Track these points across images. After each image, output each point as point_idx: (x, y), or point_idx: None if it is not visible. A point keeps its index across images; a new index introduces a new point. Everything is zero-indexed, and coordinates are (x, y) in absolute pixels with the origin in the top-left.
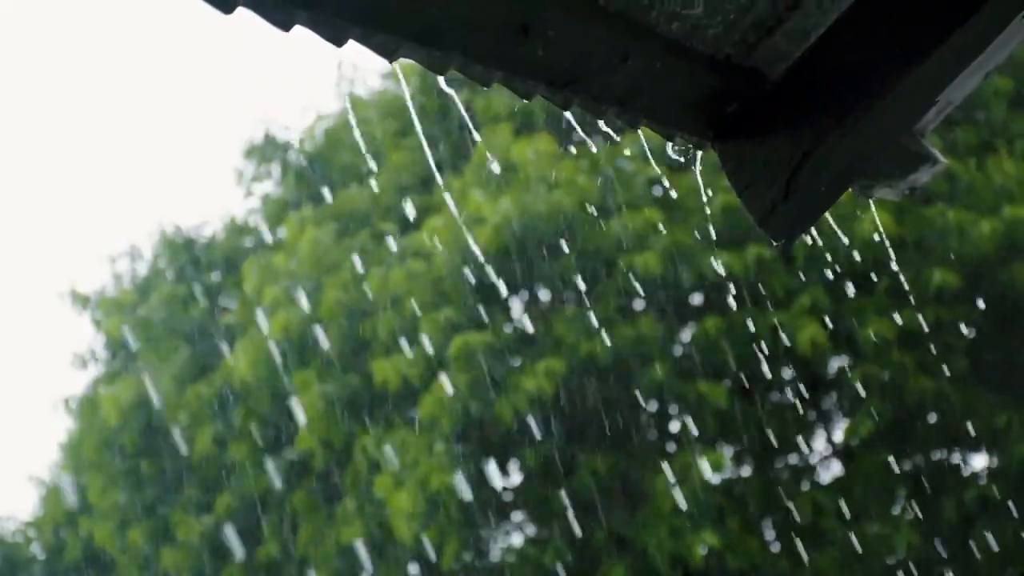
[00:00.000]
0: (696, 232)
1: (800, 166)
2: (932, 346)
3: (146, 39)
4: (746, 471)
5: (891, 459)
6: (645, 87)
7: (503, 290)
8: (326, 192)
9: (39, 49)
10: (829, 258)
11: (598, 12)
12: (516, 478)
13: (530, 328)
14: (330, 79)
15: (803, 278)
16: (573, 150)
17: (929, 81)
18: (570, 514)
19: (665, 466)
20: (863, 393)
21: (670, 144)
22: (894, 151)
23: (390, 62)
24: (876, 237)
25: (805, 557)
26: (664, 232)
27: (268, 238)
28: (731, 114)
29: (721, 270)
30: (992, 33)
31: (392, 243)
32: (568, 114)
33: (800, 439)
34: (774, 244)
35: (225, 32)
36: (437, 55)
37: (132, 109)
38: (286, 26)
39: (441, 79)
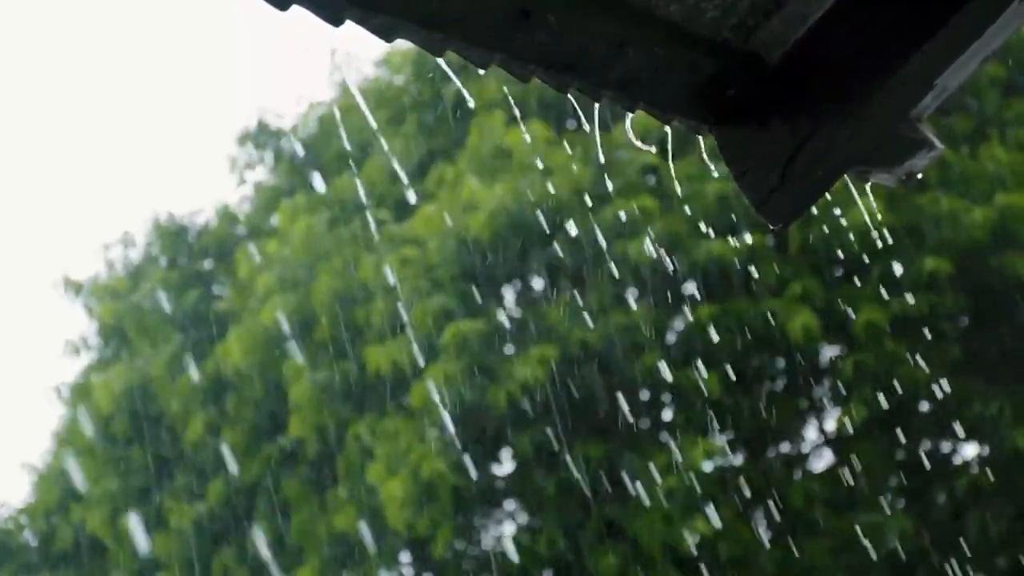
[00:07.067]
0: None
1: (798, 151)
2: (925, 334)
3: (139, 28)
4: (738, 459)
5: (883, 448)
6: (643, 71)
7: (496, 277)
8: (319, 180)
9: (33, 38)
10: (821, 245)
11: None
12: (509, 466)
13: (523, 315)
14: (324, 68)
15: (795, 266)
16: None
17: (927, 66)
18: (562, 502)
19: (657, 454)
20: (855, 382)
21: (668, 129)
22: (891, 136)
23: (388, 43)
24: (869, 224)
25: (797, 545)
26: (658, 220)
27: (261, 225)
28: (729, 99)
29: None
30: (990, 18)
31: (386, 230)
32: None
33: (793, 427)
34: (771, 228)
35: (219, 20)
36: (436, 37)
37: (125, 97)
38: (283, 5)
39: (441, 61)
